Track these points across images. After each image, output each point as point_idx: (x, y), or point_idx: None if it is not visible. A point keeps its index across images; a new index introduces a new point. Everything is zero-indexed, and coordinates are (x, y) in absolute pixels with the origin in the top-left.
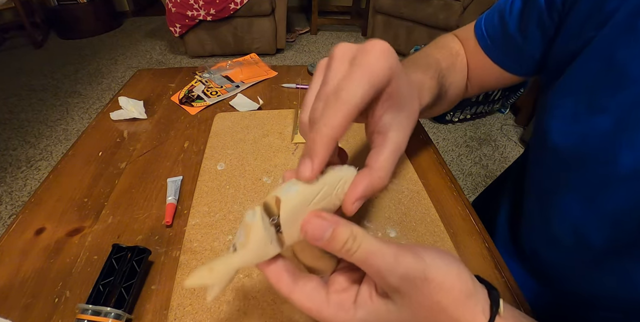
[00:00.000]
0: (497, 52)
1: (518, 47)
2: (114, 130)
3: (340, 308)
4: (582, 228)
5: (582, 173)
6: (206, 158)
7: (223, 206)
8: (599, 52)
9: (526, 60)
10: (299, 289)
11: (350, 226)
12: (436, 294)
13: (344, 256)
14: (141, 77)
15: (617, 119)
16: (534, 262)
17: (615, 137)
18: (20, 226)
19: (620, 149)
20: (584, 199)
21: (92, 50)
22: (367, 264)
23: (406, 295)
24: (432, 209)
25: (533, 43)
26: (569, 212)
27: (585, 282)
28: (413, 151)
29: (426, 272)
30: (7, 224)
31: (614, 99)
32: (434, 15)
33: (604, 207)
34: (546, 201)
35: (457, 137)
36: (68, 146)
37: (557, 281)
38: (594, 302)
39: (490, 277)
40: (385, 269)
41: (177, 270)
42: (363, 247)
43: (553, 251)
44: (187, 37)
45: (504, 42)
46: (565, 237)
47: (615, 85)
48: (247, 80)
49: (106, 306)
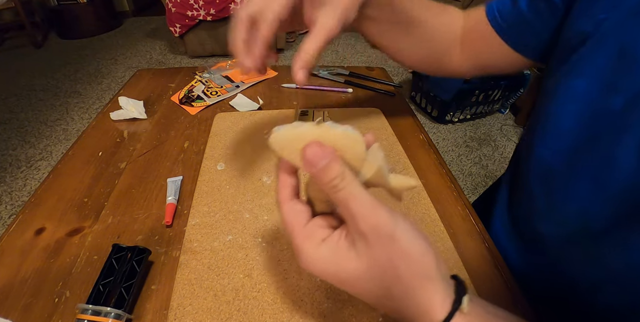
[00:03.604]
0: (509, 33)
1: (530, 27)
2: (114, 130)
3: (309, 237)
4: (588, 208)
5: (591, 153)
6: (206, 158)
7: (223, 206)
8: (611, 35)
9: (537, 40)
10: (292, 203)
11: (344, 166)
12: (397, 258)
13: (329, 190)
14: (141, 77)
15: (628, 99)
16: (536, 247)
17: (624, 116)
18: (20, 226)
19: (629, 128)
20: (591, 179)
21: (92, 50)
22: (345, 205)
23: (369, 245)
24: (432, 209)
25: (544, 22)
26: (575, 193)
27: (589, 263)
28: (413, 151)
29: (395, 232)
30: (7, 224)
31: (626, 80)
32: None
33: (610, 186)
34: (552, 184)
35: (457, 137)
36: (68, 146)
37: (561, 264)
38: (597, 284)
39: (491, 277)
40: (360, 214)
41: (177, 270)
42: (347, 188)
43: (557, 233)
44: (187, 37)
45: (517, 22)
46: (570, 218)
47: (627, 67)
48: (247, 80)
49: (106, 306)
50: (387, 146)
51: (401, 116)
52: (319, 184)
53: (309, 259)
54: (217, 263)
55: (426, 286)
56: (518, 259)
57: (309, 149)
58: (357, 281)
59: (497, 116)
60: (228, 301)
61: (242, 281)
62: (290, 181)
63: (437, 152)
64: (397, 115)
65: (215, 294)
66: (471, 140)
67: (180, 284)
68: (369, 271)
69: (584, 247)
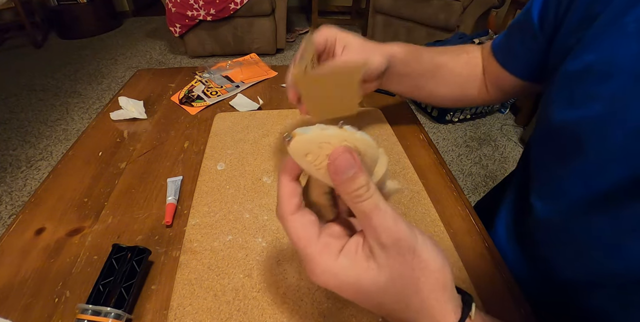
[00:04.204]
0: (502, 57)
1: (517, 52)
2: (114, 130)
3: (326, 249)
4: (583, 208)
5: (582, 156)
6: (206, 158)
7: (223, 206)
8: (589, 47)
9: (525, 63)
10: (299, 216)
11: (369, 176)
12: (419, 270)
13: (352, 200)
14: (141, 77)
15: (607, 105)
16: (534, 252)
17: (606, 120)
18: (20, 226)
19: (612, 131)
20: (584, 179)
21: (92, 50)
22: (368, 216)
23: (391, 257)
24: (432, 209)
25: (529, 49)
26: (573, 193)
27: (583, 261)
28: (413, 151)
29: (416, 247)
30: (7, 224)
31: (603, 87)
32: (434, 15)
33: (601, 185)
34: (552, 185)
35: (457, 137)
36: (68, 146)
37: (558, 264)
38: (594, 280)
39: (491, 277)
40: (383, 227)
41: (177, 270)
42: (372, 200)
43: (553, 229)
44: (187, 37)
45: (507, 48)
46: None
47: (604, 75)
48: (247, 80)
49: (106, 306)
50: (387, 146)
51: (401, 116)
52: (342, 192)
53: (326, 272)
54: (217, 263)
55: (443, 296)
56: (517, 261)
57: (341, 155)
58: (374, 293)
59: (497, 116)
60: (228, 301)
61: (242, 281)
62: (297, 189)
63: (437, 152)
64: (397, 115)
65: (215, 294)
66: (471, 140)
67: (180, 284)
68: (390, 282)
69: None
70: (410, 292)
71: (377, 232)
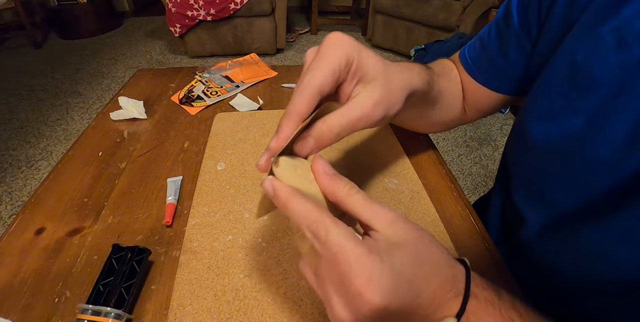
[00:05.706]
0: (481, 74)
1: (500, 66)
2: (114, 130)
3: (372, 250)
4: (571, 217)
5: (564, 168)
6: (206, 158)
7: (223, 206)
8: (565, 57)
9: (510, 77)
10: (339, 222)
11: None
12: (430, 249)
13: (344, 198)
14: (141, 77)
15: (589, 119)
16: (527, 254)
17: (589, 135)
18: (20, 226)
19: (594, 145)
20: (567, 188)
21: (92, 50)
22: (366, 206)
23: (400, 231)
24: (432, 209)
25: (514, 61)
26: (556, 202)
27: (575, 268)
28: (413, 151)
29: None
30: (7, 224)
31: (583, 101)
32: (434, 15)
33: (587, 195)
34: (535, 194)
35: (457, 137)
36: (68, 146)
37: (550, 269)
38: (586, 286)
39: (491, 278)
40: (383, 211)
41: (177, 270)
42: (360, 192)
43: (543, 238)
44: (187, 37)
45: (486, 63)
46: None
47: (583, 88)
48: (247, 80)
49: (106, 306)
50: (387, 146)
51: None
52: (334, 191)
53: (384, 272)
54: (217, 263)
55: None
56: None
57: (320, 160)
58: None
59: (497, 116)
60: (228, 301)
61: (242, 281)
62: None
63: (437, 152)
64: None
65: (215, 294)
66: (471, 140)
67: (180, 284)
68: (413, 250)
69: (570, 253)
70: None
71: (379, 215)
